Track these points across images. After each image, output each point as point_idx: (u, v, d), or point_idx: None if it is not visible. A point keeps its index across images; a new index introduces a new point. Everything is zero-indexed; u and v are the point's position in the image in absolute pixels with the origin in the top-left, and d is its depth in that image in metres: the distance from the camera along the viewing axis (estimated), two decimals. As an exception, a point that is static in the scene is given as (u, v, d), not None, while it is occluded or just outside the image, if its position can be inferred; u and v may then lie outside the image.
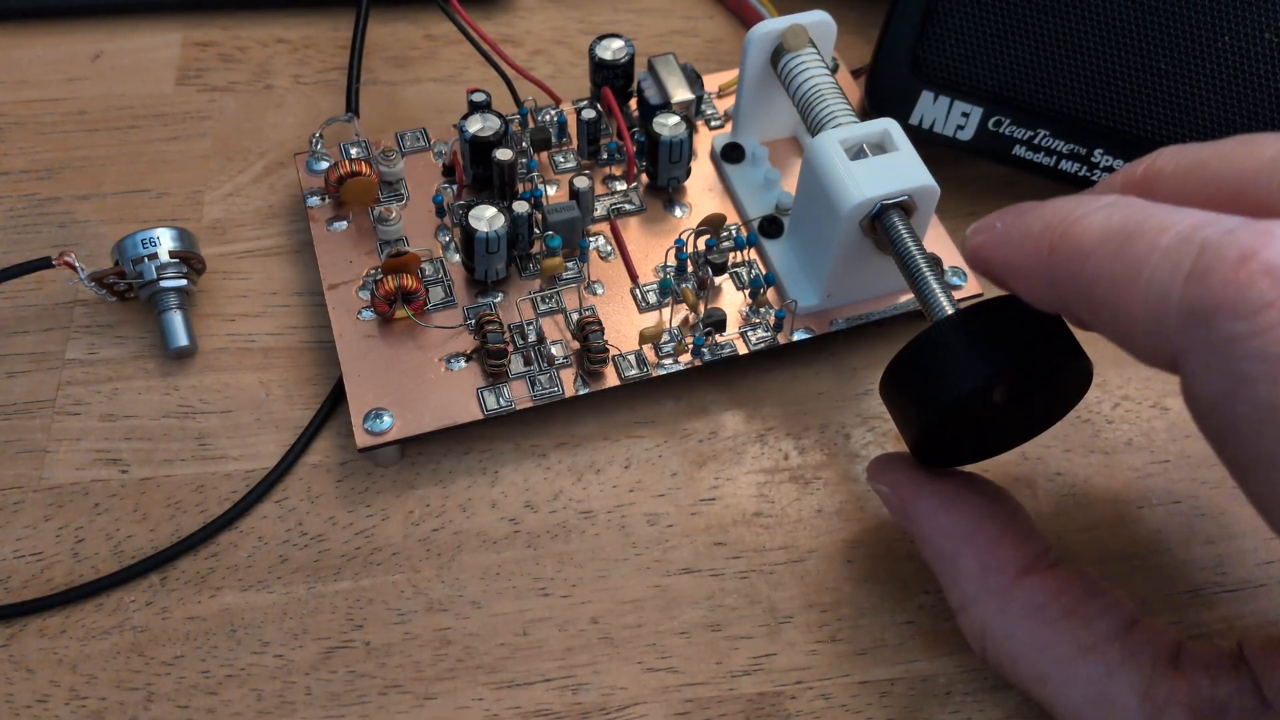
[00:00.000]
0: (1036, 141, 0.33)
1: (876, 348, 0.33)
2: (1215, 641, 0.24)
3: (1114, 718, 0.23)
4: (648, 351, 0.31)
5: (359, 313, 0.31)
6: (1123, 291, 0.20)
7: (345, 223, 0.33)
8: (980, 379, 0.24)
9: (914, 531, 0.26)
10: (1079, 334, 0.25)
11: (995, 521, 0.25)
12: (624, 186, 0.34)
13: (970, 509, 0.26)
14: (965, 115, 0.34)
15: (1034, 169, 0.34)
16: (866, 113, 0.34)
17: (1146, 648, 0.24)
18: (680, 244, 0.32)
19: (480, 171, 0.33)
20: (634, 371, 0.31)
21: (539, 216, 0.32)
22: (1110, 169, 0.33)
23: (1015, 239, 0.23)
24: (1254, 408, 0.19)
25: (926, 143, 0.33)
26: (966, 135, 0.34)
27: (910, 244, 0.28)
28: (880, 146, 0.29)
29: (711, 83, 0.37)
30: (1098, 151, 0.33)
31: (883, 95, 0.34)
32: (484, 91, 0.33)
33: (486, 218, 0.30)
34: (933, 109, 0.34)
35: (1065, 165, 0.34)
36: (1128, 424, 0.32)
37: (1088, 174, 0.34)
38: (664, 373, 0.31)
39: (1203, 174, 0.23)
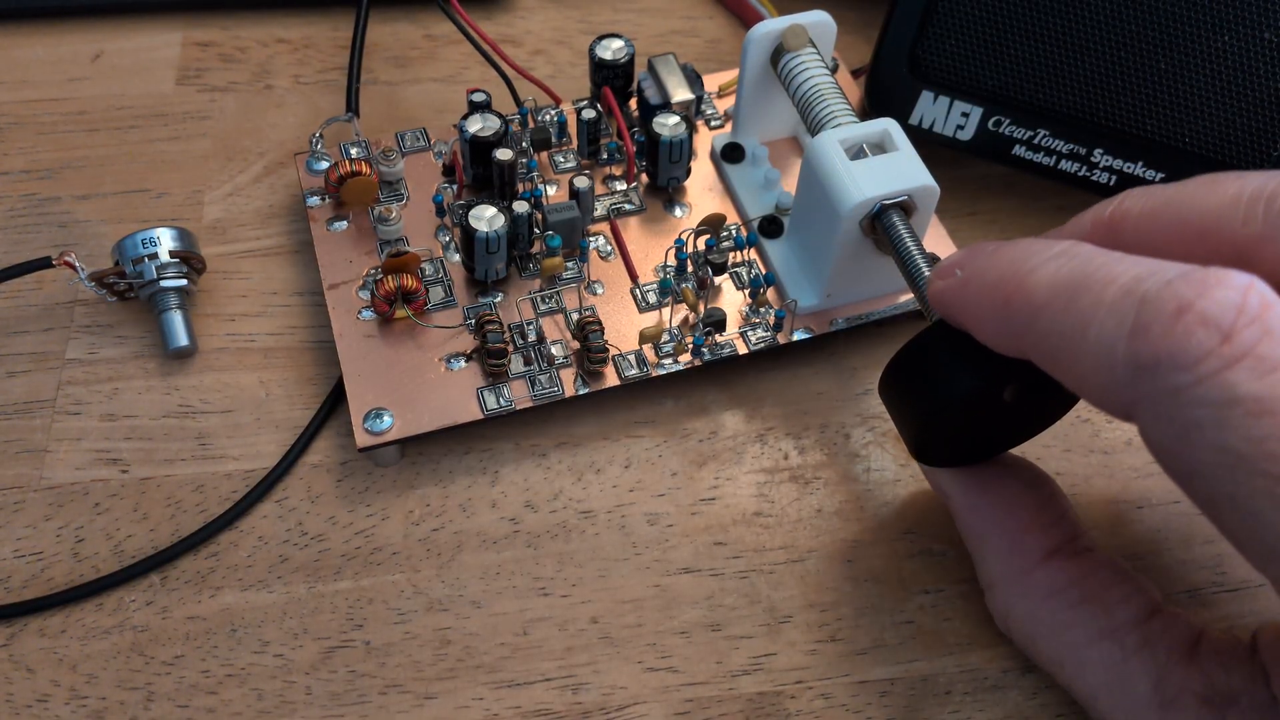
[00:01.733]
0: (1036, 141, 0.33)
1: (876, 347, 0.33)
2: (1234, 632, 0.24)
3: (1127, 703, 0.24)
4: (647, 351, 0.31)
5: (359, 312, 0.31)
6: (1073, 347, 0.21)
7: (345, 222, 0.33)
8: (978, 379, 0.24)
9: (950, 510, 0.27)
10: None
11: (1026, 507, 0.26)
12: (624, 186, 0.34)
13: (1003, 493, 0.26)
14: (965, 115, 0.34)
15: (1034, 169, 0.34)
16: (866, 113, 0.34)
17: (1164, 636, 0.24)
18: (680, 244, 0.32)
19: (480, 171, 0.33)
20: (634, 371, 0.31)
21: (539, 216, 0.32)
22: (1110, 169, 0.33)
23: (974, 289, 0.23)
24: (1206, 451, 0.19)
25: (926, 142, 0.33)
26: (966, 135, 0.34)
27: (910, 244, 0.28)
28: (880, 146, 0.30)
29: (711, 83, 0.37)
30: (1098, 151, 0.33)
31: (882, 95, 0.34)
32: (484, 91, 0.33)
33: (486, 218, 0.30)
34: (932, 109, 0.34)
35: (1065, 165, 0.34)
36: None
37: (1088, 174, 0.34)
38: (664, 373, 0.31)
39: (1168, 214, 0.24)
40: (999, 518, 0.26)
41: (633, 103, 0.35)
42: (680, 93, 0.33)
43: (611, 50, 0.34)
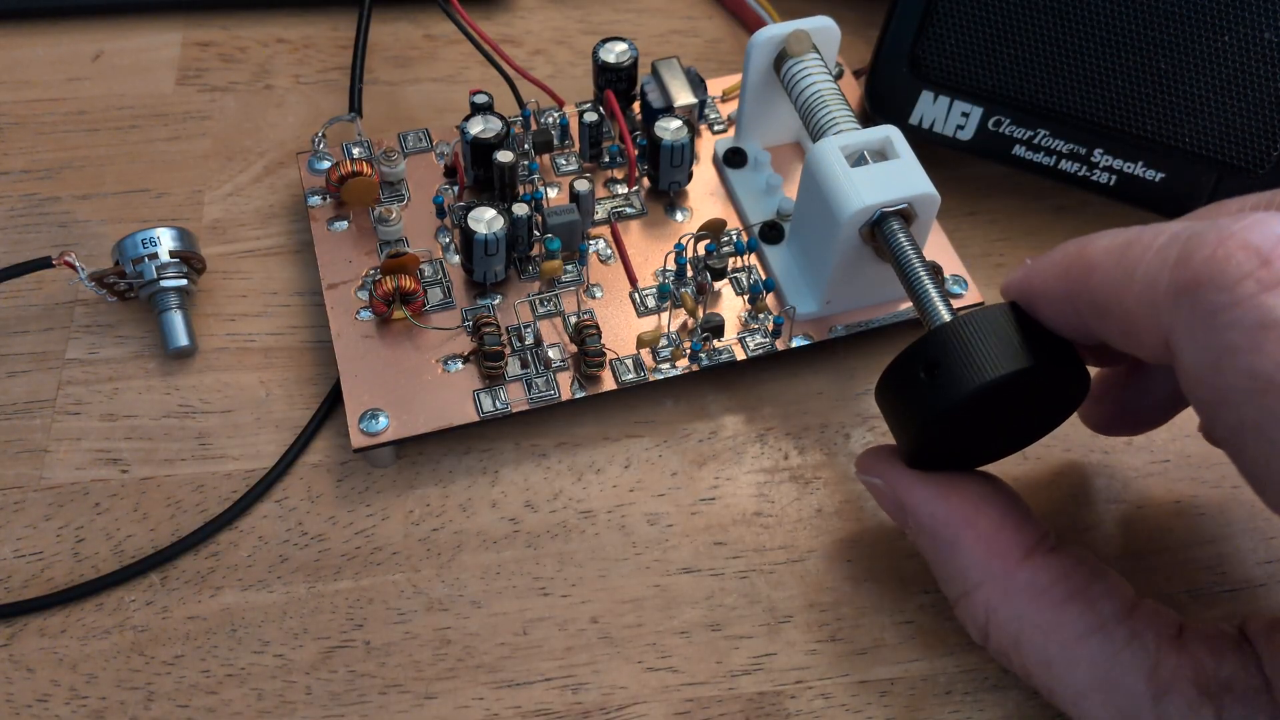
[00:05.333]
0: (1036, 141, 0.33)
1: (876, 349, 0.33)
2: (1216, 623, 0.24)
3: (1119, 699, 0.23)
4: (645, 356, 0.31)
5: (357, 313, 0.31)
6: (1122, 289, 0.22)
7: (346, 222, 0.33)
8: (975, 387, 0.24)
9: (911, 522, 0.26)
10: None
11: (995, 506, 0.26)
12: (625, 190, 0.34)
13: (969, 494, 0.26)
14: (965, 115, 0.34)
15: (1034, 169, 0.34)
16: (866, 113, 0.34)
17: (1150, 628, 0.24)
18: (680, 248, 0.32)
19: (481, 173, 0.33)
20: (631, 376, 0.30)
21: (539, 219, 0.32)
22: (1110, 169, 0.33)
23: (1039, 268, 0.24)
24: (1238, 376, 0.20)
25: (926, 143, 0.33)
26: (966, 135, 0.34)
27: (910, 252, 0.28)
28: (881, 153, 0.29)
29: (715, 87, 0.37)
30: (1098, 151, 0.33)
31: (882, 95, 0.34)
32: (486, 93, 0.33)
33: (485, 220, 0.30)
34: (933, 109, 0.34)
35: (1065, 165, 0.34)
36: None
37: (1088, 174, 0.34)
38: (660, 378, 0.31)
39: None
40: (969, 518, 0.25)
41: (635, 106, 0.35)
42: (683, 97, 0.33)
43: (615, 53, 0.34)
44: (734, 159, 0.34)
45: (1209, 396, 0.20)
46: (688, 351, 0.31)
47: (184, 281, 0.32)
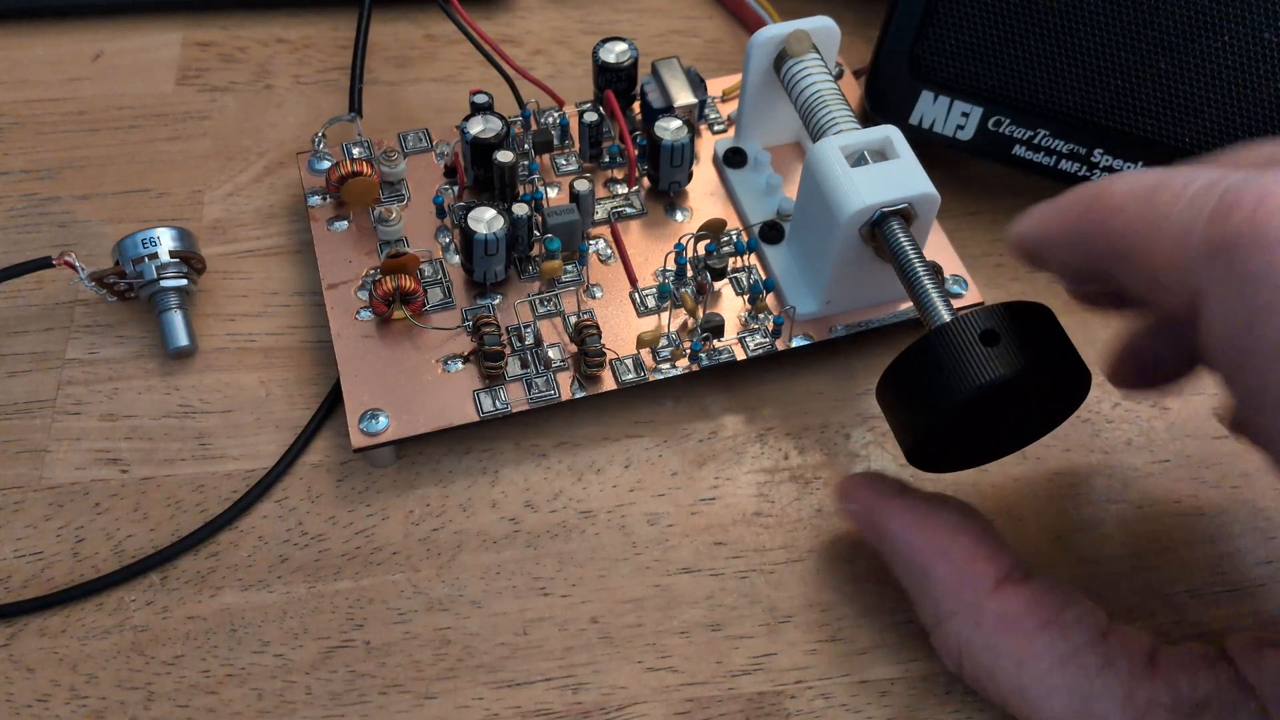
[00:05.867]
0: (1036, 141, 0.33)
1: (877, 349, 0.33)
2: (1189, 643, 0.24)
3: None
4: (645, 356, 0.31)
5: (357, 313, 0.31)
6: (1149, 236, 0.21)
7: (346, 222, 0.33)
8: (976, 387, 0.24)
9: (886, 550, 0.27)
10: (1078, 342, 0.25)
11: (968, 536, 0.26)
12: (625, 190, 0.34)
13: (943, 525, 0.26)
14: (965, 115, 0.34)
15: (1034, 169, 0.34)
16: (866, 113, 0.34)
17: (1123, 653, 0.24)
18: (680, 248, 0.32)
19: (481, 173, 0.33)
20: (631, 376, 0.30)
21: (539, 219, 0.32)
22: (1110, 169, 0.33)
23: (1049, 213, 0.24)
24: (1267, 339, 0.19)
25: (926, 143, 0.33)
26: (966, 135, 0.34)
27: (910, 252, 0.28)
28: (881, 153, 0.29)
29: (715, 87, 0.37)
30: (1098, 151, 0.33)
31: (882, 95, 0.34)
32: (486, 93, 0.33)
33: (485, 220, 0.30)
34: (933, 109, 0.34)
35: (1065, 165, 0.34)
36: (1128, 424, 0.32)
37: (1087, 174, 0.34)
38: (660, 378, 0.31)
39: None
40: (943, 549, 0.25)
41: (635, 106, 0.35)
42: (683, 97, 0.33)
43: (615, 53, 0.34)
44: (734, 159, 0.34)
45: (1234, 358, 0.20)
46: (688, 351, 0.31)
47: (184, 281, 0.32)
